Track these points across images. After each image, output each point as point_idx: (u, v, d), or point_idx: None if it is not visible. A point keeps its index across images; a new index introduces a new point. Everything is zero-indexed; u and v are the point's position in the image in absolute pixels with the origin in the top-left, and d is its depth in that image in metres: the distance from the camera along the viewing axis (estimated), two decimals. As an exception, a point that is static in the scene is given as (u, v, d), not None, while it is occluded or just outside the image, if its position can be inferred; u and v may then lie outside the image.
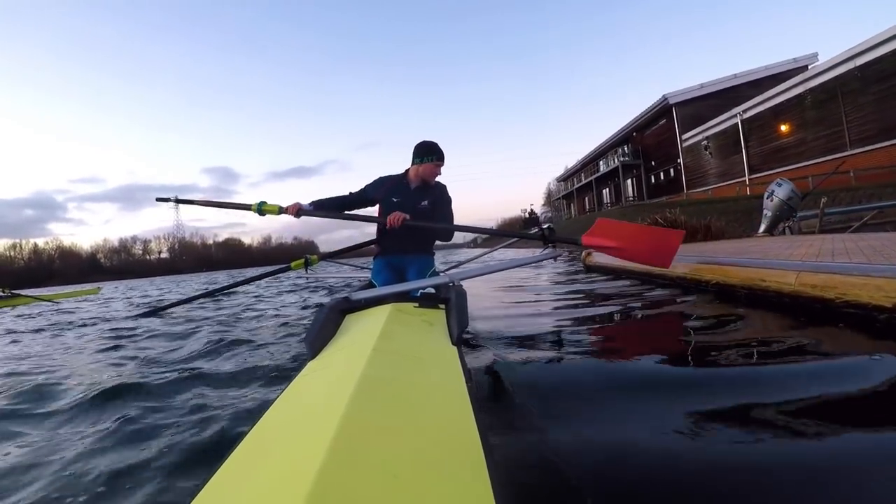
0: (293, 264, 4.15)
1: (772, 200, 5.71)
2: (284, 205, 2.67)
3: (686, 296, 2.66)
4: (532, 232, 2.65)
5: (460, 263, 3.77)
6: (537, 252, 2.52)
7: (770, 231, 5.79)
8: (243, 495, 0.47)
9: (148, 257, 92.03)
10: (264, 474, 0.50)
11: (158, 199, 3.18)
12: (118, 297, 9.42)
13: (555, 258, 2.50)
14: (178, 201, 3.15)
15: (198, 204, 3.08)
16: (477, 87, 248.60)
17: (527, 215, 20.56)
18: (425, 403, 0.70)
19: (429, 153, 2.56)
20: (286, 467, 0.49)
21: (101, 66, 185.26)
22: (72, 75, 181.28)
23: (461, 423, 0.63)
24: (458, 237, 2.77)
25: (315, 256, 4.13)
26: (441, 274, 2.53)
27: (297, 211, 2.60)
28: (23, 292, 9.94)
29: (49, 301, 9.03)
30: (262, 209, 2.67)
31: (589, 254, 5.23)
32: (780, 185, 5.70)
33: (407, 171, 2.66)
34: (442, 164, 2.62)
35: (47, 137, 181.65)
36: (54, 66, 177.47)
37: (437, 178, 2.66)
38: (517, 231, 3.04)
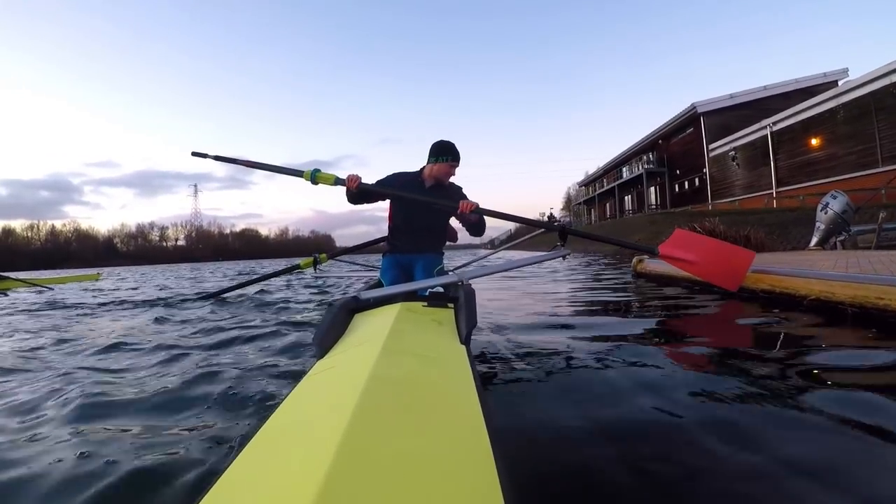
0: (302, 263, 4.08)
1: (826, 213, 5.59)
2: (342, 175, 2.54)
3: (775, 312, 2.46)
4: (555, 224, 2.70)
5: (469, 262, 3.66)
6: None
7: (822, 245, 5.68)
8: (252, 495, 0.47)
9: (165, 244, 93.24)
10: (274, 474, 0.50)
11: (194, 154, 3.01)
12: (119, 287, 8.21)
13: (563, 257, 2.47)
14: (217, 158, 2.96)
15: (240, 164, 2.91)
16: (499, 89, 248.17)
17: (546, 219, 20.64)
18: (434, 403, 0.70)
19: (444, 153, 2.54)
20: (295, 467, 0.49)
21: (120, 48, 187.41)
22: (89, 54, 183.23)
23: (470, 422, 0.64)
24: (474, 238, 2.87)
25: (324, 255, 4.07)
26: (449, 273, 2.49)
27: (357, 185, 2.49)
28: (11, 275, 8.77)
29: (42, 286, 7.78)
30: (315, 177, 2.54)
31: (641, 260, 5.06)
32: (835, 197, 5.57)
33: (422, 169, 2.64)
34: (457, 165, 2.59)
35: (61, 119, 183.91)
36: (72, 44, 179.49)
37: (452, 180, 2.64)
38: (539, 221, 3.04)
